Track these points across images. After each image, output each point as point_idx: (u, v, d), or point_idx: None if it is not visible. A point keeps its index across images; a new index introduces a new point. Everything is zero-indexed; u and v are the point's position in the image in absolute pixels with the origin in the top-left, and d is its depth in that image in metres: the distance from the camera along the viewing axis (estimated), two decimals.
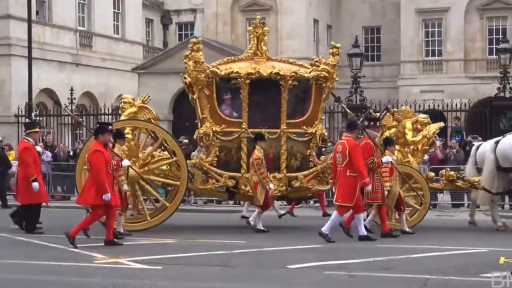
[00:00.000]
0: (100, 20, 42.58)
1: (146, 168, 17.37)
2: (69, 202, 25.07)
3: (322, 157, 18.25)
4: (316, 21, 50.22)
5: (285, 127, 17.57)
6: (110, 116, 33.32)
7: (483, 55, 48.22)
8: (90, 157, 14.32)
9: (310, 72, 17.63)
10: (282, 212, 20.49)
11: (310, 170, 17.83)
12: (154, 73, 35.71)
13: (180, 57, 35.03)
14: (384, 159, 16.02)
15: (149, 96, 18.40)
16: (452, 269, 11.58)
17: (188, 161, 17.57)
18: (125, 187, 15.69)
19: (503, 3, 48.02)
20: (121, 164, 15.35)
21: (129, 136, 17.21)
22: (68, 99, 32.79)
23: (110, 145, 15.14)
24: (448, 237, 16.17)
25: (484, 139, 22.40)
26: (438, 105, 31.93)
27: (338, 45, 18.11)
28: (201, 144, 18.88)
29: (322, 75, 17.50)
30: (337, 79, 17.95)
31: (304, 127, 17.66)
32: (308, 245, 14.58)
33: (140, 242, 15.27)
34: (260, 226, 17.13)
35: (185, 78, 18.10)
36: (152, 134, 18.05)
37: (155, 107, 32.90)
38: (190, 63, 17.52)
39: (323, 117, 17.97)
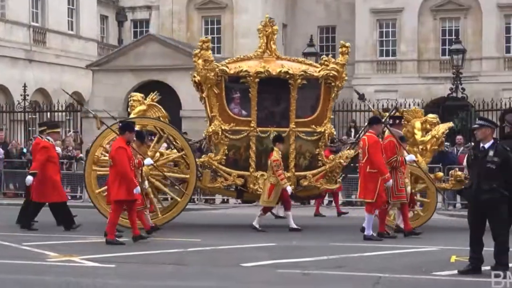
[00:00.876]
0: (54, 16, 42.13)
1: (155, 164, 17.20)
2: (22, 199, 24.75)
3: (331, 156, 18.22)
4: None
5: (294, 126, 17.61)
6: (63, 113, 33.06)
7: (436, 56, 48.56)
8: (114, 154, 14.46)
9: (319, 71, 17.64)
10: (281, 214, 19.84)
11: (319, 169, 17.87)
12: (108, 70, 35.46)
13: (135, 54, 35.19)
14: (408, 157, 16.21)
15: (158, 95, 18.46)
16: (404, 268, 11.70)
17: (197, 160, 17.57)
18: (146, 184, 15.86)
19: (456, 5, 48.54)
20: (143, 162, 15.52)
21: None
22: (21, 95, 32.44)
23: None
24: (400, 236, 16.34)
25: None
26: (392, 105, 32.12)
27: (347, 44, 18.14)
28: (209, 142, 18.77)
29: (331, 74, 17.53)
30: (346, 78, 17.99)
31: (313, 126, 17.71)
32: (262, 244, 14.62)
33: (93, 240, 15.17)
34: (257, 224, 17.03)
35: (194, 76, 18.07)
36: (161, 132, 17.90)
37: (109, 104, 32.78)
38: (200, 61, 17.49)
39: (332, 116, 18.14)
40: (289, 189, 16.87)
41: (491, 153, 10.91)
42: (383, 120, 16.76)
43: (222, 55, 46.17)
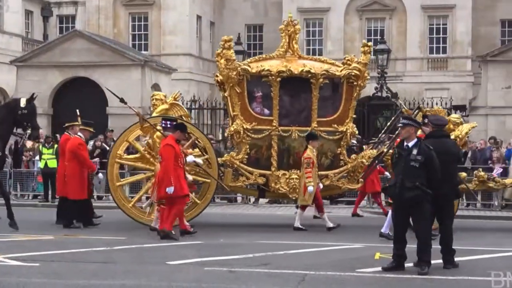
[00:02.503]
0: None
1: None
2: None
3: (353, 156, 18.15)
4: (199, 17, 50.17)
5: (316, 125, 17.64)
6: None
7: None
8: (162, 150, 15.07)
9: (341, 71, 17.73)
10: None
11: (341, 169, 17.92)
12: (33, 66, 34.91)
13: (60, 50, 34.72)
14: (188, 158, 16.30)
15: (180, 94, 18.51)
16: (330, 265, 11.83)
17: (218, 159, 17.54)
18: (190, 178, 16.12)
19: (381, 5, 49.23)
20: (185, 160, 15.60)
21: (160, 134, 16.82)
22: None
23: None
24: (326, 233, 16.49)
25: (363, 138, 22.94)
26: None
27: (369, 43, 18.30)
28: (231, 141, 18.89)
29: (353, 73, 17.63)
30: (368, 77, 18.08)
31: (335, 125, 17.77)
32: (189, 242, 14.61)
33: (17, 238, 14.94)
34: (298, 225, 17.05)
35: (216, 76, 18.23)
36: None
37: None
38: (222, 61, 17.53)
39: (354, 116, 18.18)
40: (310, 189, 16.76)
41: (414, 151, 11.18)
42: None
43: (149, 52, 45.96)
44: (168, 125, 15.82)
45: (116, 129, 26.19)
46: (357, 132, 18.65)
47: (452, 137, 17.36)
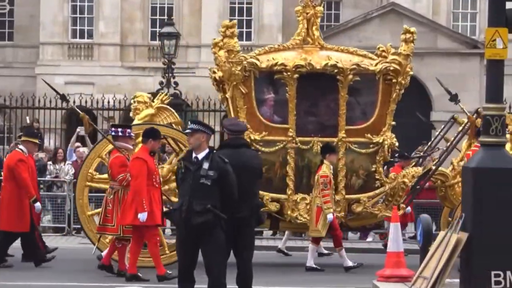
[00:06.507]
0: None
1: (167, 186, 14.30)
2: None
3: (391, 175, 15.28)
4: None
5: (344, 135, 14.60)
6: None
7: (144, 41, 39.59)
8: (131, 166, 12.46)
9: (376, 64, 14.67)
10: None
11: (376, 191, 14.80)
12: None
13: None
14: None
15: (170, 95, 15.93)
16: None
17: None
18: None
19: None
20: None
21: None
22: None
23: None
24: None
25: None
26: (86, 101, 26.34)
27: (412, 29, 15.20)
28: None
29: (392, 68, 14.58)
30: (410, 72, 14.96)
31: (369, 135, 14.67)
32: None
33: None
34: (312, 264, 14.38)
35: (214, 72, 14.95)
36: (174, 144, 14.86)
37: None
38: (221, 53, 14.53)
39: (393, 123, 15.44)
40: (330, 217, 13.99)
41: (205, 165, 9.25)
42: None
43: None
44: (120, 133, 13.20)
45: None
46: (397, 143, 15.69)
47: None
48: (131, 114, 15.39)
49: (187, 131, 9.62)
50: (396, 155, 16.86)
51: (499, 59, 9.89)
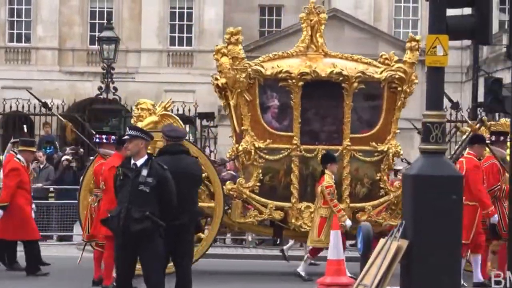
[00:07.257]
0: None
1: None
2: None
3: (396, 183, 14.96)
4: None
5: (349, 144, 14.49)
6: None
7: (83, 45, 40.17)
8: (106, 175, 11.77)
9: (381, 72, 14.62)
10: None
11: (381, 200, 14.64)
12: None
13: None
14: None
15: (173, 102, 15.19)
16: None
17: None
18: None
19: None
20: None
21: None
22: None
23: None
24: None
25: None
26: (23, 107, 25.69)
27: (417, 37, 15.13)
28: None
29: (397, 76, 14.55)
30: (416, 80, 14.94)
31: (373, 143, 14.57)
32: None
33: None
34: (302, 272, 14.06)
35: (216, 79, 14.93)
36: None
37: None
38: (225, 59, 14.42)
39: (398, 131, 14.99)
40: (349, 223, 13.81)
41: (144, 172, 9.26)
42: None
43: None
44: (104, 140, 13.15)
45: None
46: (401, 152, 15.11)
47: None
48: (132, 121, 14.92)
49: (125, 137, 9.60)
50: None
51: (440, 66, 9.84)
